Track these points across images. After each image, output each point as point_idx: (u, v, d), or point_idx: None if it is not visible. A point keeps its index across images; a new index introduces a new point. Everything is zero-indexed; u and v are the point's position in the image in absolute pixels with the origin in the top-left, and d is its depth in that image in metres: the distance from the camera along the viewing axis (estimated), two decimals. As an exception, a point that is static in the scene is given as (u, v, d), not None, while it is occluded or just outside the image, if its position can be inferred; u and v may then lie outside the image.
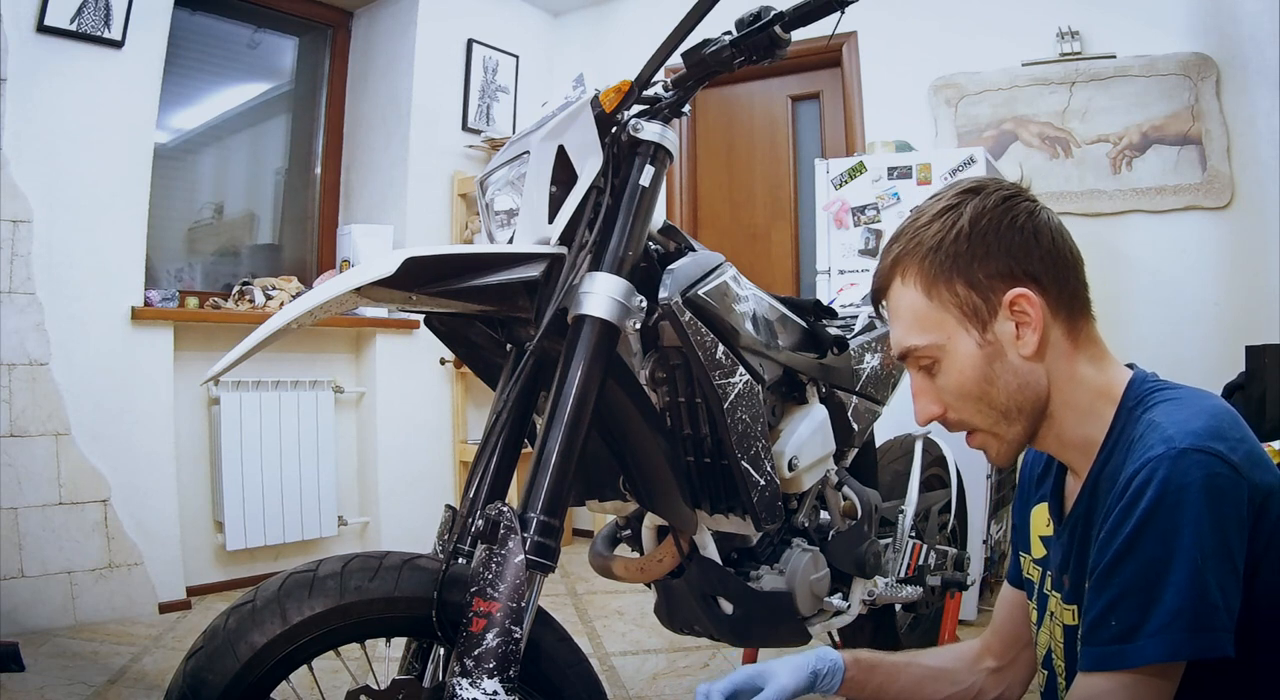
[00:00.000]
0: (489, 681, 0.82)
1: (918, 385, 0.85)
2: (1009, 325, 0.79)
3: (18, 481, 2.39)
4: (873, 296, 0.88)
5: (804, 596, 1.28)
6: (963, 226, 0.79)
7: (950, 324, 0.80)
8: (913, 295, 0.82)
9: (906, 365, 0.86)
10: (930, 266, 0.80)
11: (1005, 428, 0.82)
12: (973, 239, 0.78)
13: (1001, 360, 0.79)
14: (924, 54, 3.18)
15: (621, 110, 1.04)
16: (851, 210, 2.72)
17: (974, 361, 0.80)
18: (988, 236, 0.78)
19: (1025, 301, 0.78)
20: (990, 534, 2.55)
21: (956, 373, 0.81)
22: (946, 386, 0.82)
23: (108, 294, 2.61)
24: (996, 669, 1.00)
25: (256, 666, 0.84)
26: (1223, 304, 2.68)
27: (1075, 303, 0.81)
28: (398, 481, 3.32)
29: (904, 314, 0.83)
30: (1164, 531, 0.68)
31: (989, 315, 0.79)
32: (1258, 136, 2.67)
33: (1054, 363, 0.80)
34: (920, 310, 0.81)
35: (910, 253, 0.82)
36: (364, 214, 3.54)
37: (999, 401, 0.80)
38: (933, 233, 0.80)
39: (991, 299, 0.79)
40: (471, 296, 0.95)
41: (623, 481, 1.21)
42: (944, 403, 0.83)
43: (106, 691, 1.96)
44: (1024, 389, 0.80)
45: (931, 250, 0.80)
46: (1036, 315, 0.78)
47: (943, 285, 0.80)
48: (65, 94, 2.51)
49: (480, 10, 3.73)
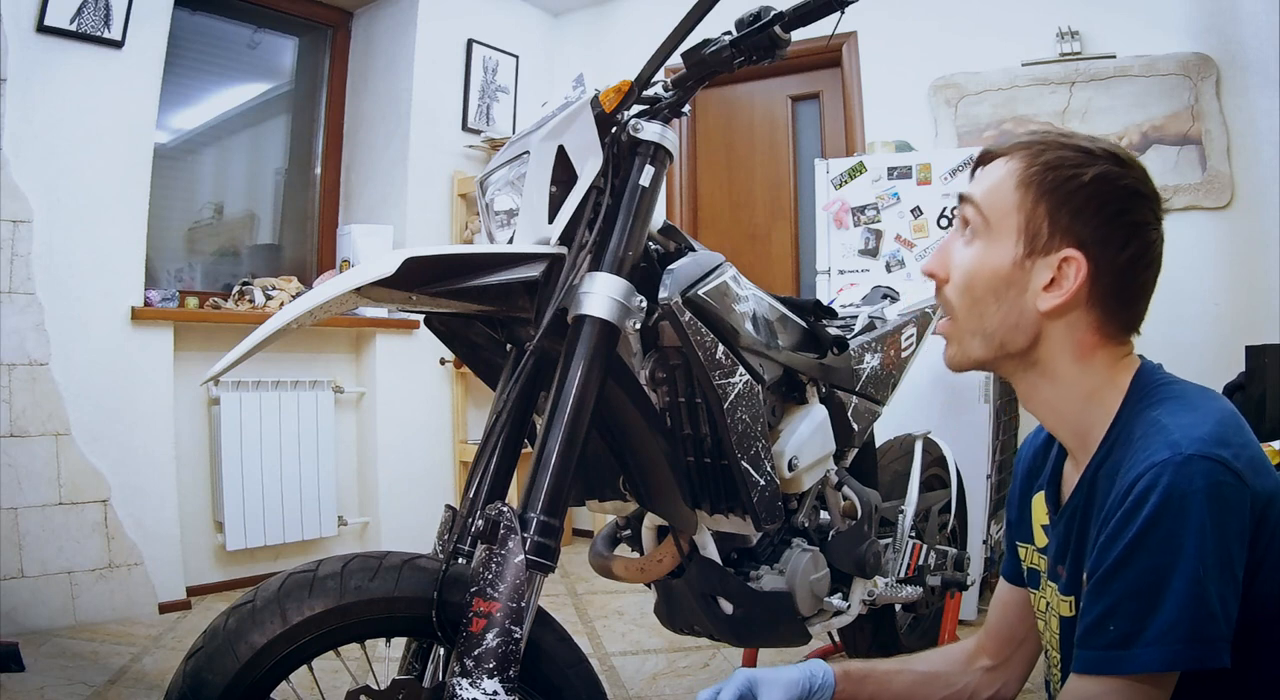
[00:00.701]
0: (489, 681, 0.82)
1: (946, 241, 0.86)
2: (1046, 274, 0.78)
3: (18, 481, 2.39)
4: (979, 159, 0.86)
5: (804, 596, 1.28)
6: (1084, 177, 0.77)
7: (1009, 223, 0.80)
8: (1006, 175, 0.81)
9: (958, 210, 0.86)
10: (1040, 171, 0.79)
11: (974, 342, 0.83)
12: (1087, 189, 0.77)
13: (1018, 292, 0.80)
14: (924, 54, 3.18)
15: (621, 110, 1.04)
16: (851, 210, 2.73)
17: (995, 269, 0.80)
18: (1093, 203, 0.77)
19: (1074, 269, 0.77)
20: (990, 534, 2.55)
21: (979, 263, 0.81)
22: (964, 263, 0.83)
23: (108, 294, 2.61)
24: (992, 667, 1.00)
25: (256, 666, 0.84)
26: (1223, 304, 2.68)
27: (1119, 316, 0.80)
28: (398, 481, 3.32)
29: (991, 179, 0.82)
30: (1166, 539, 0.67)
31: (1039, 250, 0.78)
32: (1258, 136, 2.67)
33: (1063, 336, 0.80)
34: (1002, 190, 0.81)
35: (1033, 149, 0.80)
36: (364, 214, 3.53)
37: (988, 317, 0.81)
38: (1064, 154, 0.79)
39: (1051, 243, 0.78)
40: (471, 296, 0.95)
41: (623, 481, 1.21)
42: (949, 272, 0.84)
43: (106, 691, 1.96)
44: (1014, 329, 0.80)
45: (1052, 164, 0.79)
46: (1073, 287, 0.77)
47: (1033, 192, 0.79)
48: (65, 94, 2.51)
49: (480, 10, 3.73)
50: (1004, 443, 2.54)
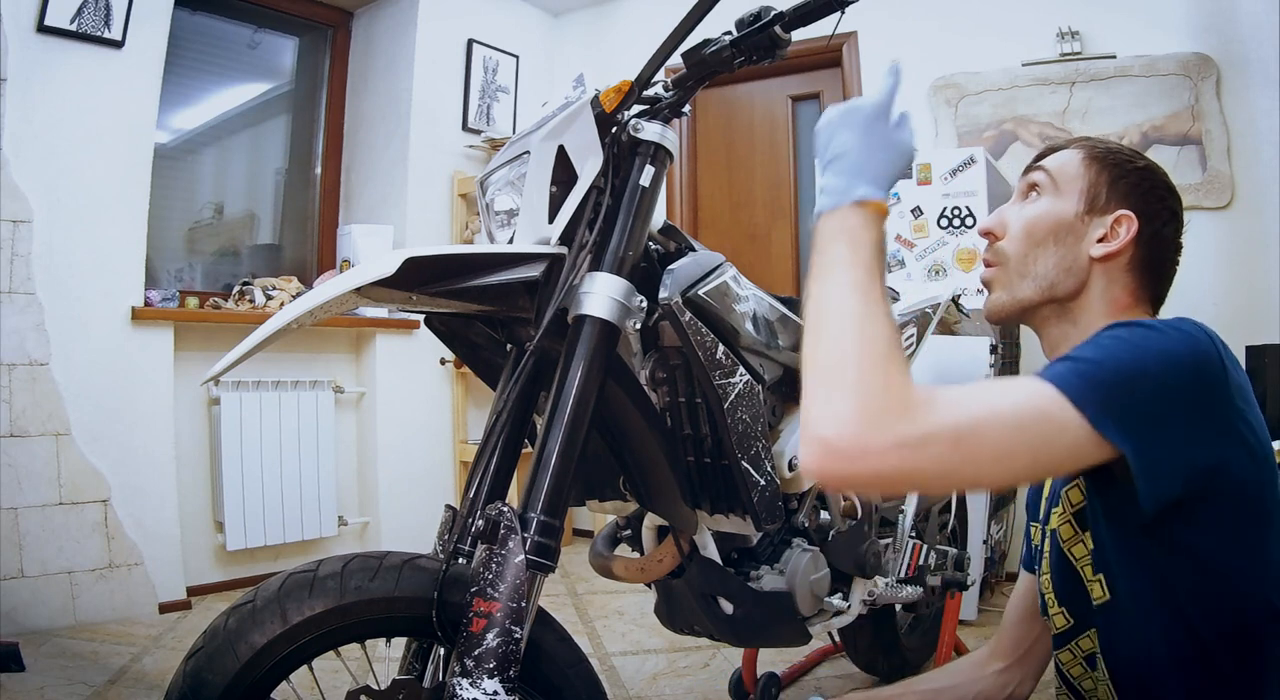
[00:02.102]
0: (489, 681, 0.82)
1: (1005, 208, 0.95)
2: (1101, 229, 0.88)
3: (18, 481, 2.39)
4: (1044, 151, 0.97)
5: (804, 596, 1.28)
6: (1139, 163, 0.91)
7: (1075, 187, 0.90)
8: (1073, 154, 0.93)
9: (1017, 193, 0.96)
10: (1099, 152, 0.92)
11: (1022, 284, 0.91)
12: (1137, 173, 0.90)
13: (1075, 238, 0.89)
14: (924, 54, 3.18)
15: (622, 110, 1.04)
16: (851, 210, 2.72)
17: (1059, 218, 0.90)
18: (1144, 183, 0.90)
19: (1127, 224, 0.87)
20: (990, 534, 2.55)
21: (1044, 212, 0.91)
22: (1025, 215, 0.92)
23: (108, 294, 2.61)
24: (1004, 668, 1.01)
25: (256, 666, 0.84)
26: (1223, 304, 2.68)
27: (1152, 287, 0.90)
28: (398, 481, 3.32)
29: (1056, 159, 0.94)
30: (1130, 331, 0.73)
31: (1099, 209, 0.89)
32: (1258, 136, 2.67)
33: (1103, 286, 0.88)
34: (1069, 163, 0.92)
35: (1096, 143, 0.94)
36: (364, 214, 3.53)
37: (1043, 260, 0.89)
38: (1117, 146, 0.93)
39: (1110, 203, 0.89)
40: (471, 296, 0.95)
41: (623, 481, 1.21)
42: (1006, 227, 0.93)
43: (106, 691, 1.96)
44: (1067, 273, 0.88)
45: (1111, 151, 0.92)
46: (1125, 240, 0.87)
47: (1096, 165, 0.91)
48: (65, 94, 2.51)
49: (480, 10, 3.73)
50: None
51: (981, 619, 2.47)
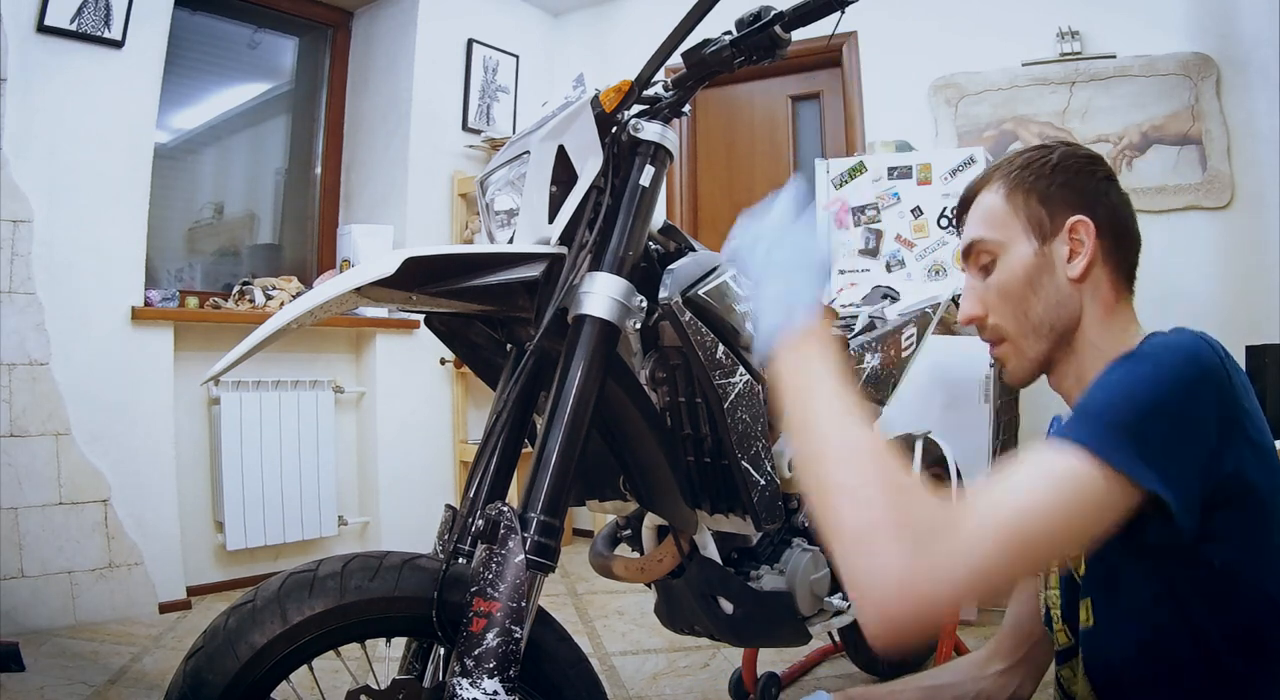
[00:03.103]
0: (489, 681, 0.82)
1: (969, 285, 0.92)
2: (1064, 248, 0.85)
3: (18, 481, 2.39)
4: (959, 205, 0.95)
5: (804, 596, 1.28)
6: (1051, 159, 0.88)
7: (1016, 228, 0.87)
8: (993, 198, 0.90)
9: (966, 265, 0.93)
10: (1014, 178, 0.89)
11: (1031, 343, 0.88)
12: (1055, 170, 0.87)
13: (1050, 274, 0.86)
14: (924, 54, 3.18)
15: (621, 110, 1.04)
16: (852, 210, 2.73)
17: (1026, 266, 0.86)
18: (1069, 172, 0.87)
19: (1084, 229, 0.85)
20: (990, 534, 2.55)
21: (1009, 271, 0.87)
22: (995, 284, 0.88)
23: (108, 294, 2.61)
24: (1005, 670, 1.01)
25: (256, 666, 0.84)
26: (1223, 304, 2.68)
27: (1124, 267, 0.87)
28: (398, 481, 3.32)
29: (980, 213, 0.91)
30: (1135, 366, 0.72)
31: (1050, 233, 0.86)
32: (1258, 136, 2.67)
33: (1092, 300, 0.86)
34: (995, 210, 0.89)
35: (1001, 168, 0.91)
36: (364, 214, 3.53)
37: (1035, 311, 0.86)
38: (1024, 158, 0.90)
39: (1056, 219, 0.86)
40: (471, 296, 0.94)
41: (623, 481, 1.21)
42: (986, 305, 0.90)
43: (106, 691, 1.96)
44: (1060, 307, 0.85)
45: (1020, 168, 0.89)
46: (1090, 245, 0.84)
47: (1020, 194, 0.87)
48: (65, 94, 2.51)
49: (480, 10, 3.73)
50: (1004, 443, 2.54)
51: (981, 619, 2.47)
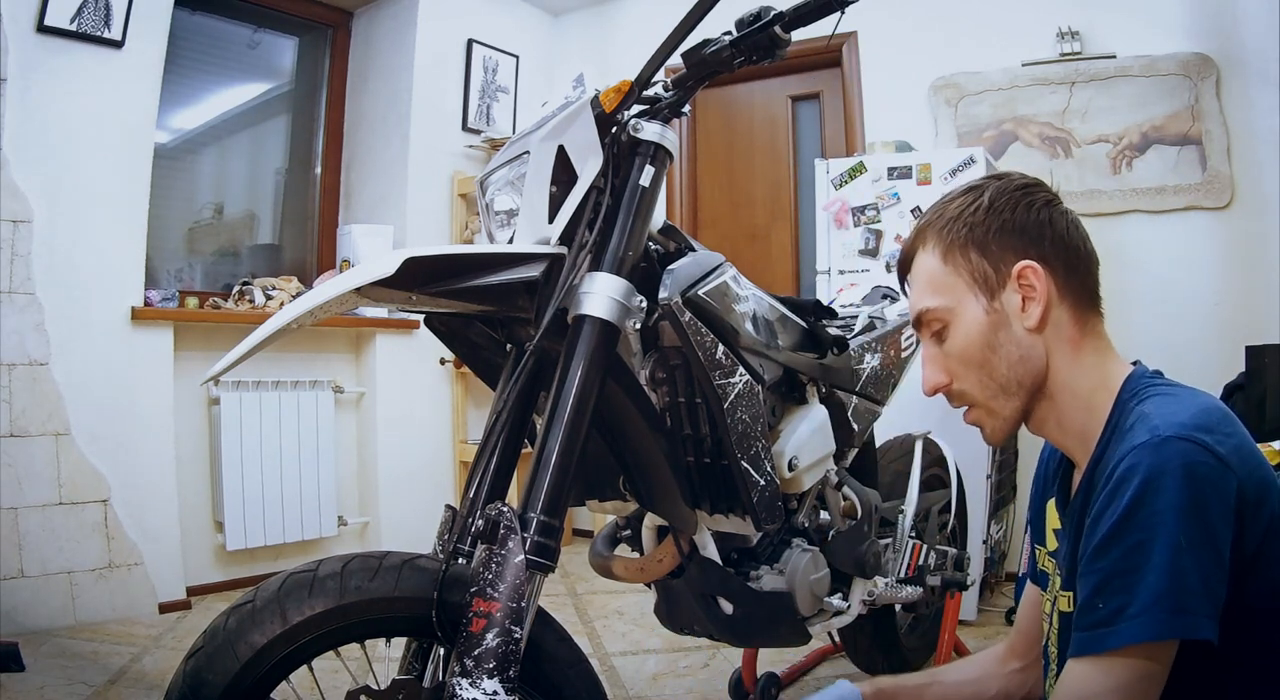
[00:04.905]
0: (489, 681, 0.82)
1: (928, 353, 0.89)
2: (1016, 297, 0.82)
3: (18, 481, 2.39)
4: (899, 269, 0.92)
5: (804, 596, 1.28)
6: (982, 202, 0.84)
7: (961, 288, 0.84)
8: (931, 260, 0.86)
9: (920, 332, 0.90)
10: (948, 234, 0.85)
11: (1002, 403, 0.85)
12: (990, 214, 0.83)
13: (1006, 329, 0.83)
14: (924, 54, 3.18)
15: (621, 110, 1.04)
16: (851, 210, 2.73)
17: (980, 327, 0.83)
18: (1004, 213, 0.83)
19: (1032, 274, 0.81)
20: (990, 534, 2.55)
21: (963, 337, 0.84)
22: (953, 351, 0.85)
23: (108, 294, 2.61)
24: (1021, 668, 1.01)
25: (256, 666, 0.84)
26: (1223, 304, 2.68)
27: (1084, 293, 0.84)
28: (398, 481, 3.32)
29: (921, 278, 0.87)
30: (1147, 517, 0.69)
31: (998, 285, 0.83)
32: (1258, 136, 2.67)
33: (1056, 343, 0.82)
34: (936, 274, 0.86)
35: (932, 224, 0.87)
36: (364, 214, 3.53)
37: (999, 371, 0.83)
38: (955, 207, 0.86)
39: (1001, 270, 0.83)
40: (471, 296, 0.94)
41: (623, 481, 1.21)
42: (950, 371, 0.87)
43: (106, 691, 1.96)
44: (1024, 361, 0.83)
45: (951, 220, 0.85)
46: (1042, 289, 0.81)
47: (958, 252, 0.84)
48: (65, 94, 2.51)
49: (480, 10, 3.73)
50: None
51: (981, 619, 2.47)
